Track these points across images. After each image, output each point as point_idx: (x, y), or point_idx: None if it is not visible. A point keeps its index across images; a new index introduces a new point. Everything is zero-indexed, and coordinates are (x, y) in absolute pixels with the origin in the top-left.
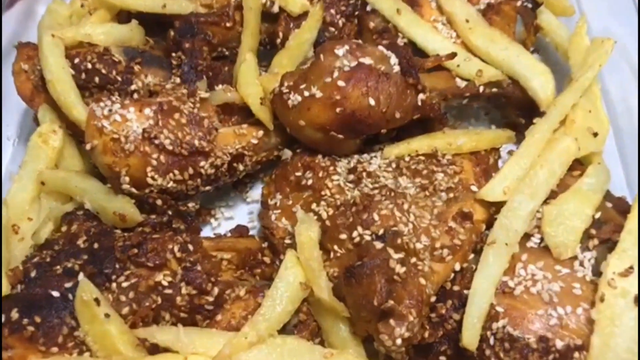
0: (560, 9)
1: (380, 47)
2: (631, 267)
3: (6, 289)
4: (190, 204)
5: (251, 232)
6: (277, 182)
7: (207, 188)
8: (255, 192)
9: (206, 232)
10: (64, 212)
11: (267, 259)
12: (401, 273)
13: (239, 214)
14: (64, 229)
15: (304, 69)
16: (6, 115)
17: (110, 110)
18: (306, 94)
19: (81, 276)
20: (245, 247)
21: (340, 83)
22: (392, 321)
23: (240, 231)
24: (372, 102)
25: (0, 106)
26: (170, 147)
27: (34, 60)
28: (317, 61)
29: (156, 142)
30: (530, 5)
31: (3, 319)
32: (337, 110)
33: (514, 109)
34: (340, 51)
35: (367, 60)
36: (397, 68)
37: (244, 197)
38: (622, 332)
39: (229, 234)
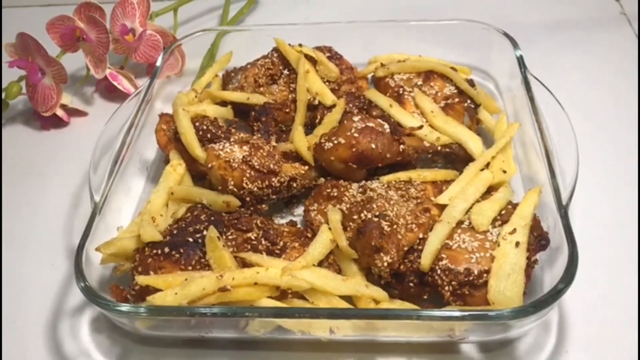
0: (492, 109)
1: (379, 119)
2: (514, 230)
3: (160, 238)
4: (264, 205)
5: None
6: (315, 196)
7: (274, 197)
8: (299, 210)
9: None
10: (189, 206)
11: (309, 235)
12: (388, 231)
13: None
14: (188, 214)
15: (334, 130)
16: (148, 157)
17: (223, 147)
18: (335, 142)
19: (205, 232)
20: (296, 229)
21: (355, 135)
22: (382, 253)
23: (292, 223)
24: (373, 146)
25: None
26: (257, 167)
27: (169, 123)
28: (342, 124)
29: (249, 164)
30: (473, 106)
31: (159, 252)
32: (353, 150)
33: (460, 163)
34: (355, 118)
35: (370, 124)
36: (388, 130)
37: (292, 212)
38: (508, 260)
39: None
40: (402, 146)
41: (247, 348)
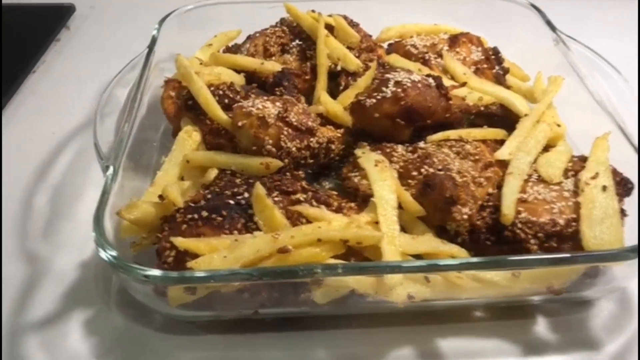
0: (519, 76)
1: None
2: (597, 174)
3: (181, 204)
4: (301, 171)
5: None
6: (355, 162)
7: (311, 162)
8: (329, 183)
9: None
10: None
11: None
12: (460, 182)
13: None
14: (217, 180)
15: (373, 87)
16: (155, 130)
17: (252, 104)
18: (379, 97)
19: (246, 194)
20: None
21: (403, 87)
22: (459, 205)
23: None
24: (422, 99)
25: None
26: (295, 124)
27: (177, 90)
28: (383, 79)
29: (286, 120)
30: (501, 72)
31: (196, 217)
32: (402, 103)
33: (501, 124)
34: (398, 72)
35: (417, 78)
36: (434, 84)
37: (323, 185)
38: (598, 205)
39: None
40: (449, 102)
41: (292, 329)
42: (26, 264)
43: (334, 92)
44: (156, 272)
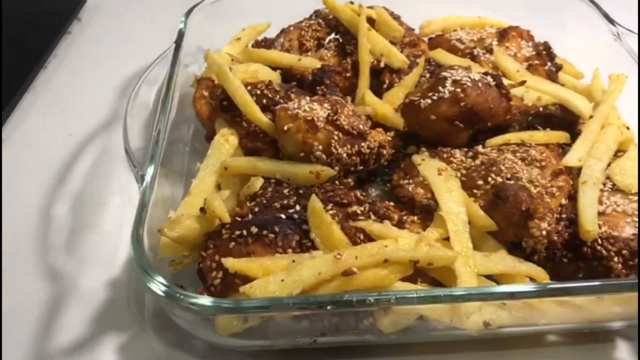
0: (573, 74)
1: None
2: None
3: (227, 219)
4: (350, 179)
5: None
6: (406, 168)
7: (360, 168)
8: (375, 190)
9: None
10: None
11: (416, 211)
12: (535, 193)
13: None
14: (261, 190)
15: (427, 86)
16: (185, 132)
17: (299, 105)
18: (435, 97)
19: (298, 207)
20: (400, 205)
21: (462, 87)
22: (536, 220)
23: None
24: (483, 100)
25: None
26: (346, 128)
27: (211, 89)
28: (438, 78)
29: (337, 123)
30: (554, 69)
31: (245, 233)
32: (461, 104)
33: (559, 126)
34: (456, 71)
35: (477, 77)
36: (494, 83)
37: (369, 193)
38: None
39: None
40: (510, 102)
41: (349, 356)
42: (49, 282)
43: (376, 91)
44: (207, 301)
